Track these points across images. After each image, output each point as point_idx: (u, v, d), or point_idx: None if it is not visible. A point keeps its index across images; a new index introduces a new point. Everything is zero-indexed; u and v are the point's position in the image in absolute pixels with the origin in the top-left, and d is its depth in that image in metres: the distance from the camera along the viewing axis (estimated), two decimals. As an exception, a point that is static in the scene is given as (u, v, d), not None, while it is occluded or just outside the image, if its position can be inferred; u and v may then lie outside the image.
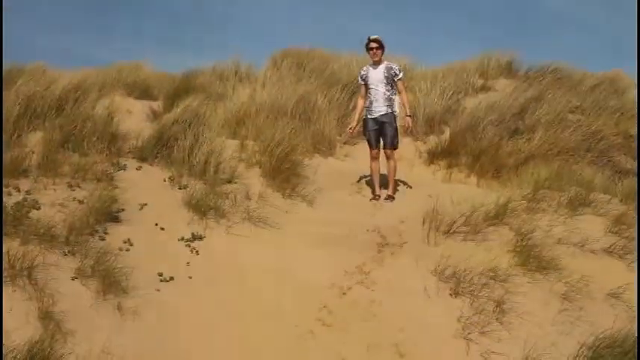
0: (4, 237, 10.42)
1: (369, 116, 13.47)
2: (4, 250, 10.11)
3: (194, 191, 12.05)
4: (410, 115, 13.67)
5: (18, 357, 8.73)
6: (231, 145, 13.46)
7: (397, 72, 13.45)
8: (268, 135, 13.38)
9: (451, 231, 11.68)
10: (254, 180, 12.79)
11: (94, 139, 12.48)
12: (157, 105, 17.29)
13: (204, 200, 11.93)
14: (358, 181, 14.18)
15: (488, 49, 19.36)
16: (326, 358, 10.11)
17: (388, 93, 13.38)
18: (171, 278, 10.67)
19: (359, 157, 14.93)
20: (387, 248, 11.63)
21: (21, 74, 14.25)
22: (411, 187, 14.03)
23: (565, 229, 11.77)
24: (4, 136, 12.07)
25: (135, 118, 15.96)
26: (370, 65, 13.53)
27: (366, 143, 13.78)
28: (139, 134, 12.97)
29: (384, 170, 13.61)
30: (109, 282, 10.23)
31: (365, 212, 12.75)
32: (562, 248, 11.49)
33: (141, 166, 12.50)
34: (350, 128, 13.98)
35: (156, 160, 12.68)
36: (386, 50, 13.61)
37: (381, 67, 13.40)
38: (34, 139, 12.30)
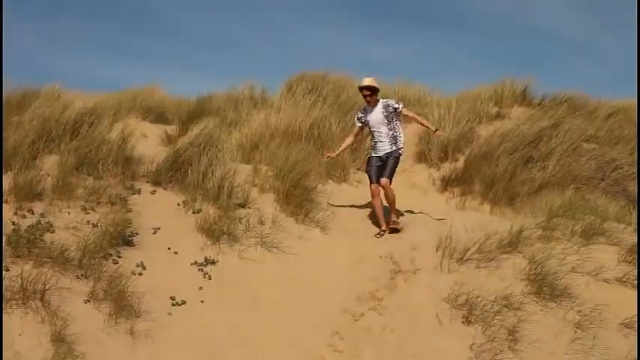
0: (17, 260, 10.47)
1: (373, 154, 13.22)
2: (17, 272, 10.14)
3: (207, 215, 12.06)
4: (437, 129, 13.70)
5: (30, 379, 8.76)
6: (245, 169, 13.47)
7: (396, 105, 13.16)
8: (282, 160, 13.37)
9: (464, 258, 11.64)
10: (267, 205, 12.79)
11: (109, 162, 12.51)
12: (172, 129, 17.36)
13: (218, 225, 11.95)
14: (371, 208, 14.15)
15: (502, 77, 19.29)
16: (338, 384, 10.12)
17: (391, 132, 13.08)
18: (184, 302, 10.69)
19: (373, 184, 14.93)
20: (400, 275, 11.61)
21: (36, 97, 14.31)
22: (424, 214, 13.97)
23: (579, 258, 11.72)
24: (19, 159, 12.13)
25: (150, 142, 16.02)
26: (367, 108, 13.29)
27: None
28: (153, 158, 12.99)
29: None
30: (122, 305, 10.26)
31: (378, 239, 12.73)
32: (575, 277, 11.43)
33: (155, 190, 12.53)
34: (328, 156, 13.90)
35: (170, 184, 12.70)
36: (381, 91, 13.51)
37: (378, 108, 13.15)
38: (49, 162, 12.35)
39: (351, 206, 13.92)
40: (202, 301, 10.82)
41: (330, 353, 10.46)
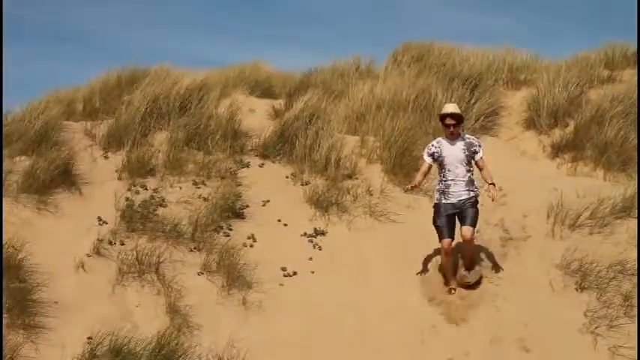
0: (132, 234, 10.78)
1: (444, 201, 10.84)
2: (132, 246, 10.46)
3: (316, 187, 12.15)
4: (493, 183, 10.91)
5: (148, 348, 9.00)
6: (352, 140, 13.49)
7: (477, 149, 10.94)
8: (388, 130, 13.33)
9: (577, 224, 11.46)
10: (375, 175, 12.79)
11: (218, 137, 12.73)
12: (279, 103, 17.46)
13: (326, 196, 12.02)
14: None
15: (613, 39, 18.74)
16: (449, 352, 10.09)
17: (469, 174, 10.91)
18: (294, 273, 10.84)
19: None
20: (511, 243, 11.48)
21: (146, 75, 14.59)
22: (534, 181, 13.74)
23: (697, 222, 11.41)
24: (130, 136, 12.43)
25: (257, 117, 16.13)
26: (445, 139, 10.96)
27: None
28: (260, 132, 13.14)
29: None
30: (234, 277, 10.51)
31: (487, 206, 12.53)
32: (694, 242, 11.13)
33: (263, 163, 12.69)
34: (411, 185, 11.27)
35: (278, 157, 12.83)
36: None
37: (460, 144, 10.88)
38: (160, 139, 12.64)
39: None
40: (313, 272, 10.95)
41: (441, 322, 10.46)
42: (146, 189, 11.65)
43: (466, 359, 9.99)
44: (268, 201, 11.92)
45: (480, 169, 10.96)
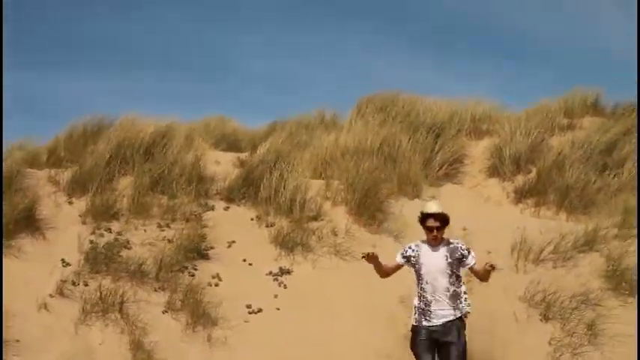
0: (96, 275, 10.75)
1: (424, 323, 8.76)
2: (96, 286, 10.43)
3: (281, 228, 12.19)
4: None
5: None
6: (317, 184, 13.55)
7: (465, 253, 8.84)
8: (353, 172, 13.44)
9: (540, 259, 11.60)
10: (340, 217, 12.84)
11: (182, 181, 12.75)
12: (245, 156, 17.54)
13: (291, 236, 12.06)
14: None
15: (572, 89, 19.06)
16: (416, 390, 10.05)
17: (453, 287, 8.80)
18: (260, 310, 10.84)
19: (447, 199, 14.79)
20: (476, 278, 11.51)
21: (111, 125, 14.61)
22: (498, 222, 13.85)
23: (657, 255, 11.56)
24: (95, 181, 12.43)
25: (222, 168, 16.22)
26: (425, 244, 8.87)
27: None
28: (225, 176, 13.20)
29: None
30: (199, 314, 10.51)
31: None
32: (655, 273, 11.27)
33: (228, 207, 12.70)
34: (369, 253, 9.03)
35: (243, 201, 12.87)
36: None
37: (443, 250, 8.77)
38: (125, 183, 12.63)
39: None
40: (278, 309, 10.94)
41: (407, 358, 10.42)
42: (110, 232, 11.63)
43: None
44: (234, 242, 11.93)
45: (476, 273, 9.05)
